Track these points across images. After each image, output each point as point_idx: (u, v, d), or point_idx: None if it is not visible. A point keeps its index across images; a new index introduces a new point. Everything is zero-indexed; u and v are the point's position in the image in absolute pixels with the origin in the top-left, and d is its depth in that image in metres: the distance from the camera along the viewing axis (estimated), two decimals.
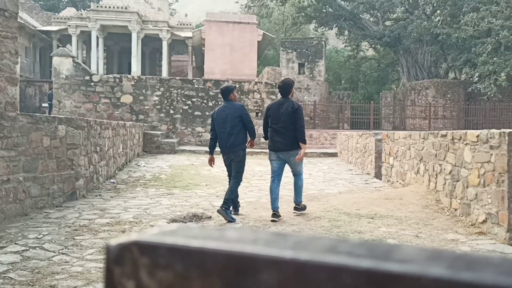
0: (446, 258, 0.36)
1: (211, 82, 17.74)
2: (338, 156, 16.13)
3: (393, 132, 10.29)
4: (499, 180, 4.83)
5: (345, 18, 29.97)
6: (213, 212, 6.46)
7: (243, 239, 0.40)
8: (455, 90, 27.14)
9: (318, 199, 7.63)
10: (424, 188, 7.36)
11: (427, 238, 5.10)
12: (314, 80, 29.13)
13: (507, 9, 24.66)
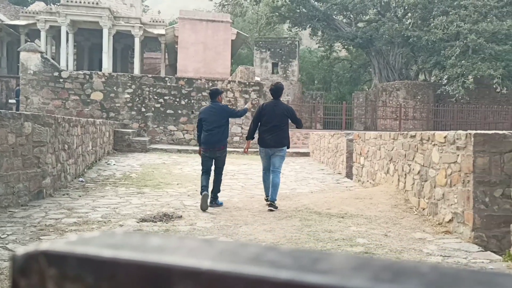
0: (373, 268, 0.35)
1: (184, 80, 17.59)
2: (310, 155, 16.24)
3: (364, 132, 10.42)
4: (465, 180, 4.93)
5: (318, 19, 30.21)
6: (184, 211, 6.40)
7: (164, 248, 0.38)
8: (425, 92, 27.72)
9: (289, 198, 7.65)
10: (393, 188, 7.48)
11: (395, 237, 5.17)
12: (288, 80, 29.27)
13: (475, 14, 25.34)
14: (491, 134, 4.80)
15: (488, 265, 4.04)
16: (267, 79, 28.19)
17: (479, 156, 4.76)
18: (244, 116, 17.49)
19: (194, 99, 17.31)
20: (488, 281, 0.34)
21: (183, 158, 13.62)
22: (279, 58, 29.36)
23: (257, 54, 29.39)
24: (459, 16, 25.52)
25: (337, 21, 31.69)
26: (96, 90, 16.95)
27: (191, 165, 12.03)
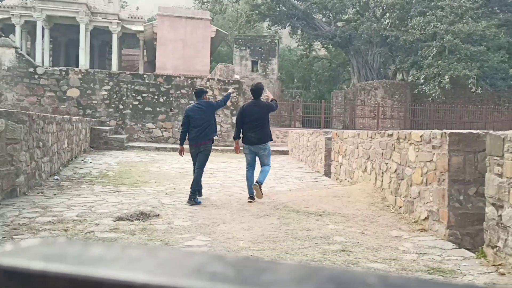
0: (319, 279, 0.34)
1: (162, 78, 17.43)
2: (289, 154, 16.29)
3: (343, 131, 10.49)
4: (440, 178, 5.00)
5: (298, 18, 30.32)
6: (162, 210, 6.34)
7: (103, 258, 0.36)
8: (403, 91, 28.09)
9: (268, 197, 7.65)
10: (371, 186, 7.54)
11: (372, 235, 5.21)
12: (267, 78, 29.30)
13: (451, 15, 25.77)
14: (465, 134, 4.88)
15: (462, 262, 4.11)
16: (246, 77, 28.18)
17: (454, 155, 4.83)
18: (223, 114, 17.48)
19: (173, 97, 17.17)
20: None
21: (161, 156, 13.51)
22: (258, 56, 29.36)
23: (236, 52, 29.33)
24: (436, 17, 25.93)
25: (317, 20, 31.86)
26: (72, 87, 16.67)
27: (169, 163, 11.94)
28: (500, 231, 3.83)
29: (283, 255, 4.38)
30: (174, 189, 8.21)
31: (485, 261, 4.07)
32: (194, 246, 4.76)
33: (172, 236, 5.02)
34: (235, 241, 4.87)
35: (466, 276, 3.71)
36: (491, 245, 3.99)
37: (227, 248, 4.63)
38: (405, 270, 3.93)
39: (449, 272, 3.83)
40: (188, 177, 9.76)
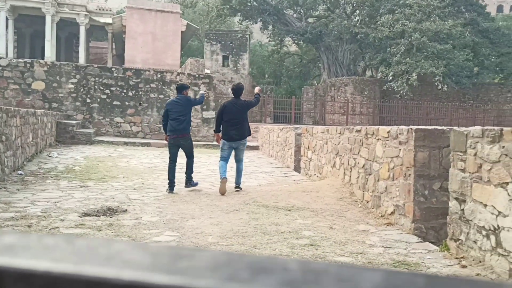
0: (236, 266, 0.35)
1: (131, 71, 17.14)
2: (260, 149, 16.32)
3: (312, 126, 10.57)
4: (406, 174, 5.10)
5: (269, 13, 30.33)
6: (130, 205, 6.24)
7: (13, 247, 0.35)
8: (372, 88, 28.52)
9: (238, 192, 7.63)
10: (339, 181, 7.63)
11: (340, 229, 5.27)
12: (238, 73, 29.24)
13: (419, 13, 26.29)
14: (431, 130, 4.98)
15: (426, 255, 4.20)
16: (217, 71, 28.03)
17: (420, 151, 4.92)
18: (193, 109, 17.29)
19: (142, 91, 16.91)
20: (350, 277, 0.34)
21: (130, 151, 13.31)
22: (229, 51, 29.25)
23: (207, 46, 29.13)
24: (405, 15, 26.40)
25: (288, 15, 31.95)
26: (37, 80, 16.19)
27: (138, 158, 11.77)
28: (462, 224, 3.93)
29: (252, 250, 4.38)
30: (143, 184, 8.10)
31: (448, 254, 4.17)
32: (162, 242, 4.70)
33: (140, 232, 4.95)
34: (203, 236, 4.84)
35: (430, 268, 3.79)
36: (454, 239, 4.09)
37: (195, 243, 4.60)
38: (371, 263, 3.99)
39: (413, 265, 3.90)
40: (157, 172, 9.65)
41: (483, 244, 3.58)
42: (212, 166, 11.12)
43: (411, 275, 0.36)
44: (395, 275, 0.36)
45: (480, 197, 3.65)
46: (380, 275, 0.36)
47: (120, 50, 28.57)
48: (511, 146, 3.25)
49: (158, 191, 7.53)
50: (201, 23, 36.09)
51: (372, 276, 0.35)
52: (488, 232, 3.51)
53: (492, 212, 3.45)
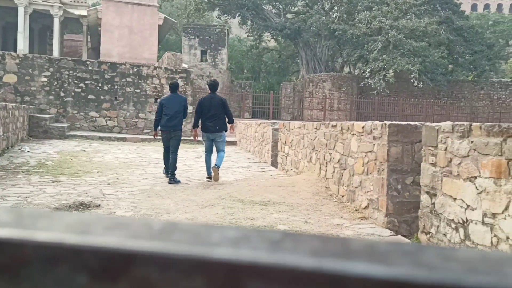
0: (132, 227, 0.38)
1: (107, 65, 16.86)
2: (238, 144, 16.30)
3: (289, 122, 10.61)
4: (380, 168, 5.15)
5: (248, 8, 30.24)
6: (103, 200, 6.15)
7: None
8: (349, 84, 28.76)
9: (214, 187, 7.62)
10: (315, 176, 7.67)
11: (315, 224, 5.30)
12: (217, 68, 29.09)
13: (396, 10, 26.60)
14: (404, 125, 5.04)
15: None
16: (195, 66, 27.84)
17: (393, 146, 4.98)
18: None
19: (118, 85, 16.67)
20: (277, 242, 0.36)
21: (105, 146, 13.12)
22: (208, 45, 29.06)
23: (185, 40, 28.87)
24: (382, 12, 26.66)
25: (266, 11, 31.92)
26: (9, 72, 15.79)
27: (113, 153, 11.62)
28: (433, 218, 4.00)
29: None
30: (117, 179, 8.00)
31: None
32: None
33: None
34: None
35: None
36: (425, 232, 4.15)
37: None
38: None
39: None
40: (133, 167, 9.54)
41: (452, 236, 3.64)
42: (189, 161, 11.07)
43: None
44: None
45: (450, 191, 3.71)
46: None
47: (95, 43, 28.09)
48: (479, 141, 3.31)
49: (133, 186, 7.44)
50: (179, 17, 35.75)
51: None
52: (457, 225, 3.57)
53: (461, 206, 3.52)
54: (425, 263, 0.33)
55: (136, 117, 16.69)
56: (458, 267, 0.32)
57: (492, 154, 3.16)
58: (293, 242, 0.36)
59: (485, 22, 40.33)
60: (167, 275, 0.33)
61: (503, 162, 3.05)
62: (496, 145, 3.12)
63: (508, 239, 2.99)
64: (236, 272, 0.32)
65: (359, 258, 0.33)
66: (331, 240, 0.38)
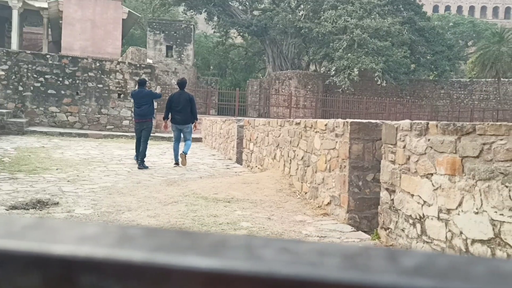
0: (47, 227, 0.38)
1: (68, 59, 16.40)
2: (203, 141, 16.20)
3: (254, 119, 10.63)
4: (342, 165, 5.22)
5: (214, 4, 30.05)
6: (62, 198, 5.99)
7: None
8: (315, 82, 29.05)
9: (177, 184, 7.54)
10: (279, 173, 7.71)
11: (278, 220, 5.33)
12: (182, 64, 28.81)
13: (361, 10, 27.02)
14: (365, 123, 5.12)
15: (358, 244, 4.33)
16: (160, 62, 27.48)
17: (355, 143, 5.06)
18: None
19: (79, 79, 16.24)
20: None
21: (66, 142, 12.78)
22: (173, 41, 28.72)
23: (150, 35, 28.43)
24: (347, 11, 27.03)
25: (233, 7, 31.81)
26: None
27: (74, 149, 11.34)
28: (392, 214, 4.08)
29: None
30: (78, 176, 7.80)
31: (379, 242, 4.32)
32: None
33: None
34: None
35: None
36: (384, 227, 4.24)
37: None
38: None
39: None
40: (94, 163, 9.34)
41: (410, 232, 3.73)
42: (152, 158, 10.92)
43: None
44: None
45: (408, 188, 3.80)
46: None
47: (56, 36, 27.30)
48: (435, 139, 3.40)
49: (94, 183, 7.28)
50: (144, 11, 35.16)
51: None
52: (415, 220, 3.66)
53: (418, 202, 3.61)
54: (257, 255, 0.34)
55: (99, 113, 16.32)
56: (283, 259, 0.33)
57: (447, 152, 3.25)
58: (148, 238, 0.37)
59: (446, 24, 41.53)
60: (2, 271, 0.33)
61: (457, 160, 3.14)
62: (451, 143, 3.21)
63: (462, 234, 3.08)
64: (71, 267, 0.33)
65: (191, 251, 0.34)
66: (180, 234, 0.38)
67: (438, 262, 0.34)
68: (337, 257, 0.34)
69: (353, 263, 0.33)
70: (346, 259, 0.34)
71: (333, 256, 0.34)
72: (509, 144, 2.67)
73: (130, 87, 16.19)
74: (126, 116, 16.64)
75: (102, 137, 14.88)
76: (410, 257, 0.34)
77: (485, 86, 32.99)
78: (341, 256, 0.34)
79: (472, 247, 2.96)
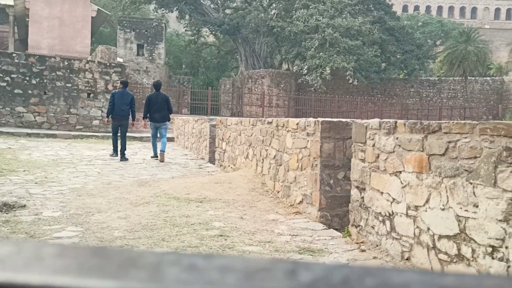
0: None
1: (35, 58, 16.00)
2: (175, 141, 16.07)
3: (226, 118, 10.62)
4: (313, 164, 5.26)
5: (185, 2, 29.84)
6: (29, 200, 5.85)
7: None
8: (288, 81, 29.19)
9: (149, 185, 7.46)
10: (252, 172, 7.71)
11: (250, 219, 5.33)
12: (154, 62, 28.51)
13: (332, 9, 27.28)
14: (336, 122, 5.18)
15: (330, 241, 4.37)
16: (131, 60, 27.12)
17: (326, 142, 5.10)
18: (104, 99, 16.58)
19: (47, 79, 15.86)
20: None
21: (33, 143, 12.48)
22: (144, 39, 28.38)
23: (121, 34, 28.01)
24: (318, 10, 27.25)
25: (205, 5, 31.65)
26: None
27: (42, 150, 11.08)
28: (362, 211, 4.14)
29: (160, 243, 4.29)
30: (46, 178, 7.63)
31: (350, 239, 4.37)
32: (63, 238, 4.46)
33: (39, 228, 4.66)
34: (109, 231, 4.66)
35: (332, 254, 3.95)
36: (355, 225, 4.29)
37: (100, 238, 4.42)
38: (278, 251, 4.08)
39: (317, 251, 4.04)
40: (63, 164, 9.15)
41: (379, 229, 3.79)
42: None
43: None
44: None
45: (377, 185, 3.86)
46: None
47: (23, 34, 26.59)
48: (403, 137, 3.46)
49: (63, 184, 7.13)
50: (114, 9, 34.59)
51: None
52: (384, 217, 3.72)
53: (387, 199, 3.67)
54: None
55: (68, 113, 15.98)
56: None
57: (415, 150, 3.31)
58: (59, 258, 0.36)
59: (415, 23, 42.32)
60: None
61: (424, 158, 3.20)
62: (418, 141, 3.27)
63: (429, 230, 3.15)
64: None
65: (95, 273, 0.34)
66: (93, 253, 0.38)
67: (334, 276, 0.35)
68: (239, 273, 0.35)
69: (252, 279, 0.34)
70: (248, 275, 0.35)
71: (236, 272, 0.35)
72: (473, 142, 2.74)
73: (99, 87, 15.92)
74: (96, 116, 16.35)
75: (71, 137, 14.58)
76: (310, 271, 0.35)
77: (453, 85, 33.81)
78: (243, 272, 0.35)
79: (439, 243, 3.03)
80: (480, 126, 2.70)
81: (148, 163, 10.36)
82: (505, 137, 2.52)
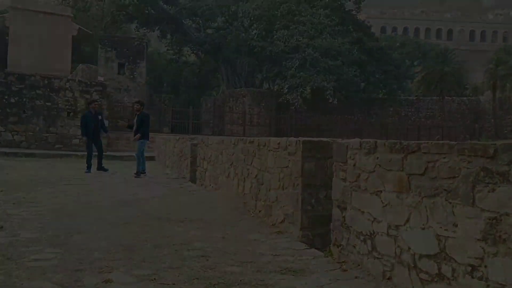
0: None
1: (14, 76, 15.83)
2: (156, 159, 15.96)
3: (207, 137, 10.62)
4: (295, 183, 5.29)
5: (167, 22, 29.98)
6: (6, 221, 5.72)
7: None
8: (269, 100, 29.40)
9: (129, 205, 7.38)
10: (234, 191, 7.70)
11: (231, 239, 5.30)
12: (135, 81, 28.45)
13: (312, 30, 27.74)
14: (317, 141, 5.23)
15: (312, 261, 4.37)
16: (112, 79, 27.00)
17: (307, 161, 5.14)
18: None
19: (26, 97, 15.68)
20: None
21: (11, 162, 12.26)
22: (126, 58, 28.33)
23: (102, 52, 27.92)
24: (299, 31, 27.68)
25: (186, 25, 31.83)
26: None
27: (20, 170, 10.89)
28: (344, 231, 4.16)
29: (140, 264, 4.23)
30: (24, 198, 7.49)
31: (331, 259, 4.38)
32: (41, 260, 4.36)
33: (17, 250, 4.55)
34: (89, 252, 4.58)
35: (314, 274, 3.94)
36: (337, 244, 4.31)
37: (79, 259, 4.33)
38: (260, 271, 4.06)
39: (299, 271, 4.04)
40: (42, 185, 8.99)
41: (361, 248, 3.81)
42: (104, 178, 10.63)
43: None
44: None
45: (358, 205, 3.89)
46: None
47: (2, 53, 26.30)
48: (384, 157, 3.51)
49: (42, 205, 7.00)
50: (95, 28, 34.51)
51: None
52: (365, 237, 3.75)
53: (369, 218, 3.70)
54: None
55: (47, 132, 15.78)
56: None
57: (395, 170, 3.37)
58: None
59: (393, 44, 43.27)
60: None
61: (404, 177, 3.26)
62: (398, 161, 3.33)
63: (410, 249, 3.18)
64: None
65: None
66: None
67: None
68: None
69: None
70: None
71: None
72: (451, 162, 2.80)
73: (80, 105, 15.80)
74: (75, 134, 16.17)
75: (50, 156, 14.37)
76: None
77: (430, 104, 34.50)
78: None
79: (420, 262, 3.06)
80: (458, 147, 2.76)
81: (128, 182, 10.25)
82: (482, 157, 2.58)
